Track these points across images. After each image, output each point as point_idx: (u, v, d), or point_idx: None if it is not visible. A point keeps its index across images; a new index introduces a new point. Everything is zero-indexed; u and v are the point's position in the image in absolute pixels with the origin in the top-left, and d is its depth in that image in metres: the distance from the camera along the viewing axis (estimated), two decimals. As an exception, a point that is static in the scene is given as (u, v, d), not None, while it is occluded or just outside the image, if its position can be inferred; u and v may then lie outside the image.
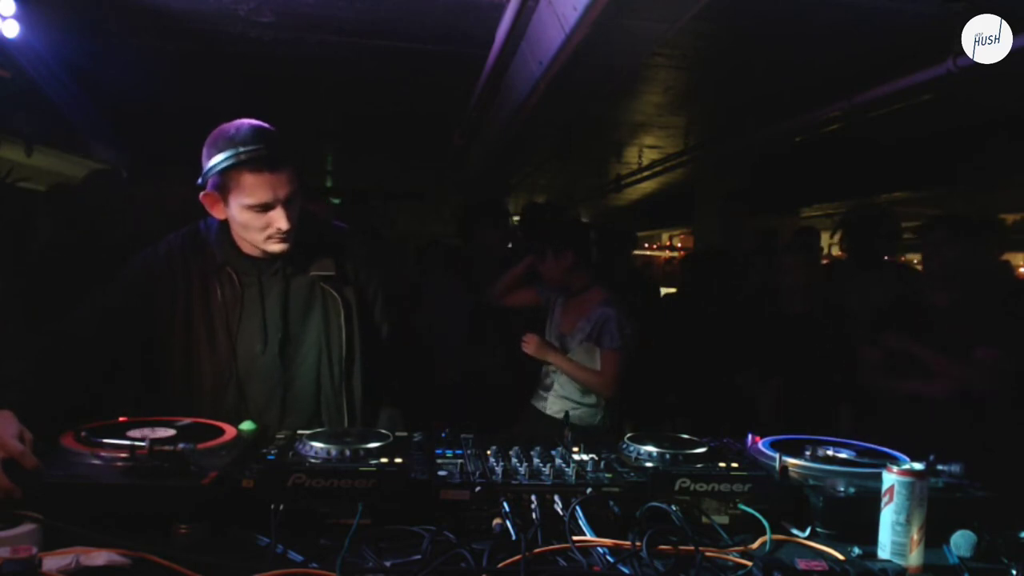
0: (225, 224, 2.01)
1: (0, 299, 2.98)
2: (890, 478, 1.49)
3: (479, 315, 4.02)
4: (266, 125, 1.94)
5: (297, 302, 2.06)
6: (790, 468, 1.75)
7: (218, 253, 2.02)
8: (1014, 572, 1.45)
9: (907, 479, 1.47)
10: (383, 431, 1.81)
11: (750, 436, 1.95)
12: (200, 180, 1.93)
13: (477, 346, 4.02)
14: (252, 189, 1.86)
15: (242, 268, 2.03)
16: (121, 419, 1.81)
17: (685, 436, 1.91)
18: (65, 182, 4.70)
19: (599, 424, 3.32)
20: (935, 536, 1.51)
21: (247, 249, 2.02)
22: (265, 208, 1.89)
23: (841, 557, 1.49)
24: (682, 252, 11.83)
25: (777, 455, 1.75)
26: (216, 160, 1.87)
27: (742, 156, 6.31)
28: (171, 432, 1.71)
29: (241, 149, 1.84)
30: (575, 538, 1.47)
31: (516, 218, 6.82)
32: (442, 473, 1.62)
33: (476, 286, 4.01)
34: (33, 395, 1.73)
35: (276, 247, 1.96)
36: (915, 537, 1.46)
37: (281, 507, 1.48)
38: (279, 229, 1.91)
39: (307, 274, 2.06)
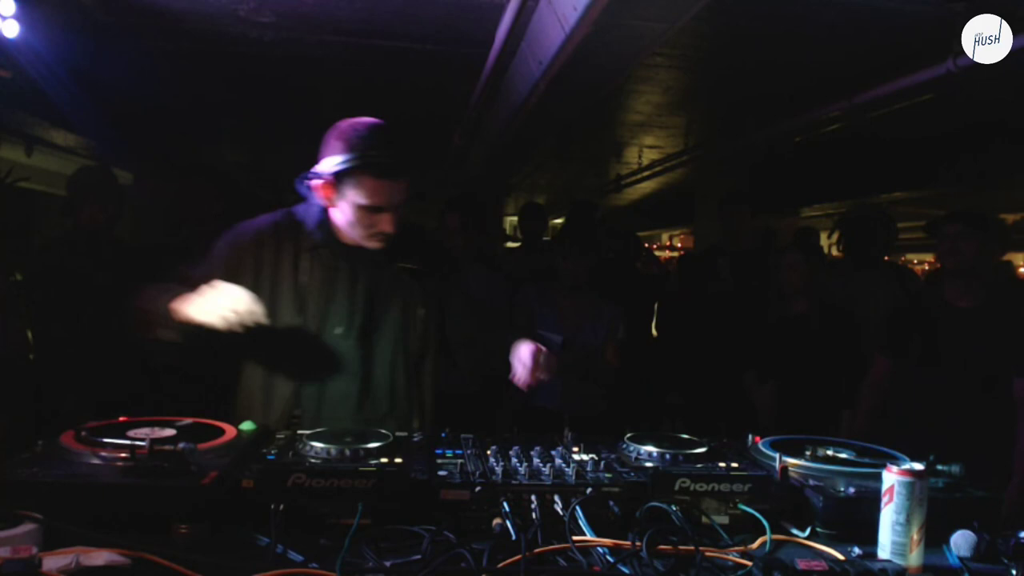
0: (327, 210, 2.06)
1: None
2: (890, 478, 1.49)
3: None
4: (396, 130, 1.99)
5: (383, 291, 2.11)
6: (790, 468, 1.75)
7: (316, 235, 2.06)
8: (1014, 572, 1.45)
9: (907, 479, 1.47)
10: (383, 431, 1.81)
11: (750, 436, 1.95)
12: (316, 167, 1.97)
13: None
14: (370, 192, 1.92)
15: (337, 252, 2.07)
16: (121, 419, 1.82)
17: (685, 436, 1.91)
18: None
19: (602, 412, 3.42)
20: (935, 536, 1.51)
21: (345, 237, 2.07)
22: (377, 211, 1.95)
23: (841, 557, 1.49)
24: (682, 252, 11.82)
25: (777, 455, 1.75)
26: (342, 156, 1.92)
27: (742, 156, 6.30)
28: (171, 432, 1.71)
29: (372, 153, 1.90)
30: (575, 538, 1.47)
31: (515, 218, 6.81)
32: (442, 473, 1.62)
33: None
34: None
35: (375, 244, 2.03)
36: (915, 537, 1.46)
37: (281, 507, 1.48)
38: (383, 231, 1.99)
39: (396, 266, 2.12)
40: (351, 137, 1.94)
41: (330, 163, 1.95)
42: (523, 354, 1.98)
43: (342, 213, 2.01)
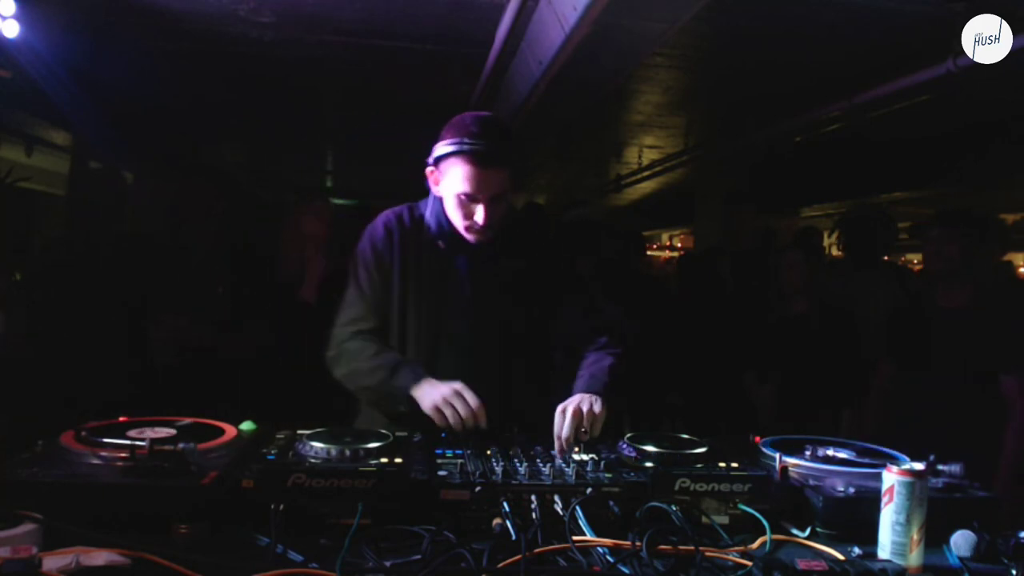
0: (440, 200, 2.11)
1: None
2: (890, 478, 1.49)
3: None
4: (501, 122, 2.07)
5: (495, 283, 2.12)
6: (790, 468, 1.75)
7: (432, 225, 2.12)
8: (1014, 572, 1.45)
9: (907, 479, 1.47)
10: (383, 431, 1.81)
11: (750, 436, 1.95)
12: (430, 156, 2.02)
13: None
14: (464, 179, 1.96)
15: (450, 243, 2.10)
16: (121, 419, 1.82)
17: (685, 436, 1.91)
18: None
19: None
20: (935, 536, 1.51)
21: (457, 227, 2.10)
22: (471, 199, 1.98)
23: (841, 557, 1.49)
24: (682, 252, 11.82)
25: (777, 455, 1.75)
26: (443, 143, 1.98)
27: (742, 156, 6.30)
28: (171, 432, 1.71)
29: (465, 140, 1.95)
30: (575, 538, 1.47)
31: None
32: (442, 473, 1.62)
33: None
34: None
35: (472, 236, 2.05)
36: (915, 537, 1.46)
37: (281, 507, 1.48)
38: (476, 222, 2.00)
39: (509, 259, 2.13)
40: (455, 125, 2.02)
41: (436, 150, 2.01)
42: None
43: (446, 201, 2.07)
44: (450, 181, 2.00)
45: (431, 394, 1.89)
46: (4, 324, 2.83)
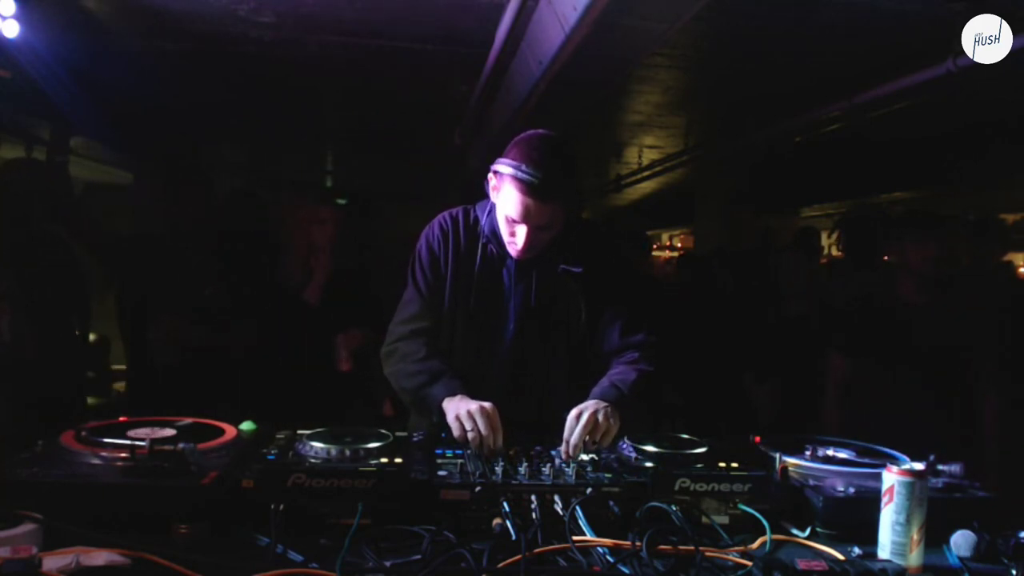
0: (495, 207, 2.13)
1: None
2: (890, 478, 1.49)
3: None
4: (567, 153, 2.02)
5: (544, 290, 2.13)
6: (790, 468, 1.75)
7: (485, 229, 2.15)
8: (1014, 572, 1.45)
9: (907, 479, 1.47)
10: (383, 431, 1.81)
11: (750, 436, 1.95)
12: (494, 164, 2.03)
13: None
14: (513, 203, 1.97)
15: (501, 248, 2.12)
16: (121, 419, 1.82)
17: (685, 436, 1.91)
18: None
19: None
20: (935, 536, 1.51)
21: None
22: (514, 222, 2.00)
23: (841, 557, 1.49)
24: (682, 252, 11.83)
25: (777, 455, 1.75)
26: (506, 160, 1.98)
27: (742, 156, 6.30)
28: (171, 432, 1.71)
29: (523, 167, 1.92)
30: (575, 538, 1.47)
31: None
32: (442, 473, 1.62)
33: None
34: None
35: (513, 252, 2.07)
36: (915, 537, 1.46)
37: (281, 507, 1.48)
38: (516, 244, 2.03)
39: (557, 266, 2.13)
40: (522, 144, 2.00)
41: (498, 163, 2.01)
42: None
43: (497, 213, 2.08)
44: (503, 198, 2.01)
45: (458, 406, 1.91)
46: (12, 325, 2.83)
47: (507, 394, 2.10)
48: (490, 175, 2.06)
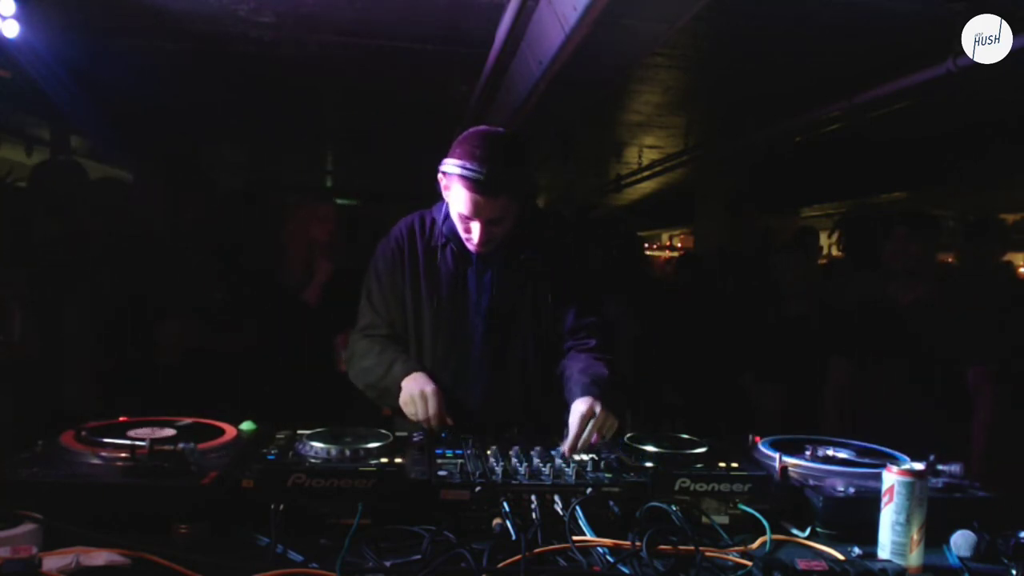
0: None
1: None
2: (890, 478, 1.49)
3: None
4: (512, 145, 2.02)
5: (509, 282, 2.14)
6: (790, 468, 1.75)
7: (444, 231, 2.15)
8: (1014, 572, 1.45)
9: (907, 479, 1.47)
10: (383, 431, 1.81)
11: (750, 436, 1.95)
12: (441, 164, 2.03)
13: None
14: (463, 200, 1.97)
15: (460, 247, 2.13)
16: (121, 419, 1.82)
17: (685, 436, 1.91)
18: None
19: None
20: (935, 536, 1.51)
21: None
22: (469, 219, 2.00)
23: (841, 557, 1.49)
24: (682, 252, 11.83)
25: (777, 455, 1.75)
26: (450, 160, 1.99)
27: (742, 156, 6.30)
28: (171, 432, 1.71)
29: (467, 165, 1.93)
30: (575, 538, 1.47)
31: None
32: (442, 473, 1.62)
33: None
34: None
35: (471, 247, 2.08)
36: (915, 537, 1.46)
37: (281, 507, 1.48)
38: (472, 240, 2.03)
39: (519, 258, 2.14)
40: (464, 143, 1.99)
41: (444, 163, 2.01)
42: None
43: (451, 212, 2.09)
44: (453, 197, 2.02)
45: (408, 388, 1.98)
46: (20, 325, 2.84)
47: (488, 392, 2.12)
48: (439, 175, 2.05)
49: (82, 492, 1.47)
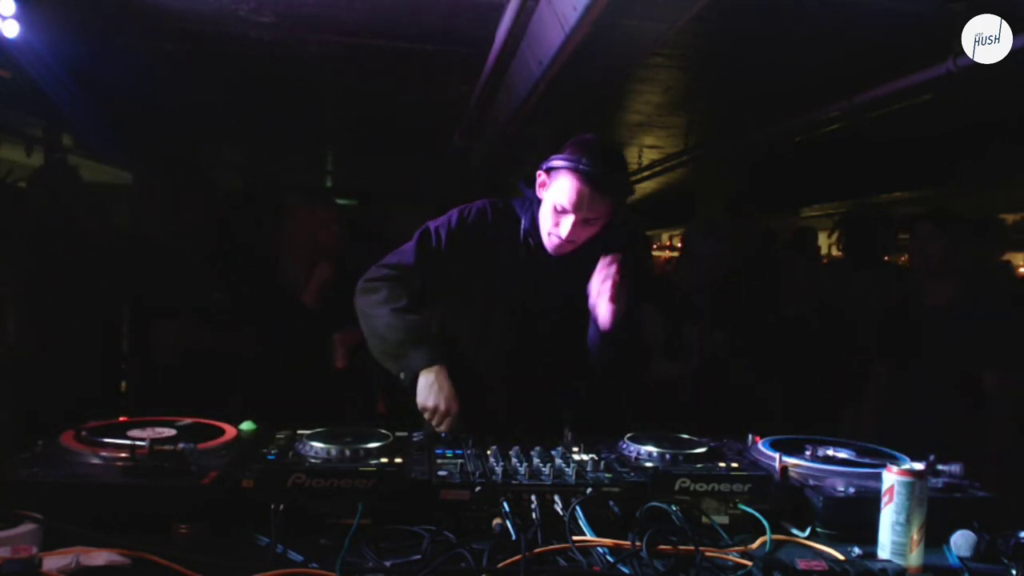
0: (539, 203, 2.19)
1: None
2: (890, 478, 1.49)
3: None
4: (621, 155, 2.19)
5: (579, 283, 2.14)
6: (790, 468, 1.75)
7: (525, 223, 2.21)
8: (1014, 572, 1.45)
9: (907, 479, 1.47)
10: (383, 431, 1.81)
11: (750, 436, 1.96)
12: (544, 163, 2.11)
13: None
14: (567, 192, 2.03)
15: (538, 241, 2.18)
16: (121, 419, 1.82)
17: (685, 436, 1.91)
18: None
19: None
20: (935, 536, 1.51)
21: (542, 232, 2.19)
22: (563, 211, 2.05)
23: (841, 557, 1.49)
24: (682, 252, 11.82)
25: (777, 455, 1.75)
26: (561, 157, 2.06)
27: (742, 156, 6.30)
28: (171, 432, 1.71)
29: (583, 160, 2.01)
30: (575, 538, 1.47)
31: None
32: (442, 473, 1.62)
33: None
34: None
35: (550, 243, 2.13)
36: (915, 537, 1.46)
37: (281, 507, 1.48)
38: (558, 232, 2.08)
39: (593, 260, 2.15)
40: (579, 144, 2.07)
41: (552, 161, 2.08)
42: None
43: (543, 207, 2.14)
44: (554, 191, 2.07)
45: (428, 393, 1.99)
46: (19, 326, 2.84)
47: (514, 394, 2.16)
48: (539, 173, 2.12)
49: (82, 492, 1.47)
